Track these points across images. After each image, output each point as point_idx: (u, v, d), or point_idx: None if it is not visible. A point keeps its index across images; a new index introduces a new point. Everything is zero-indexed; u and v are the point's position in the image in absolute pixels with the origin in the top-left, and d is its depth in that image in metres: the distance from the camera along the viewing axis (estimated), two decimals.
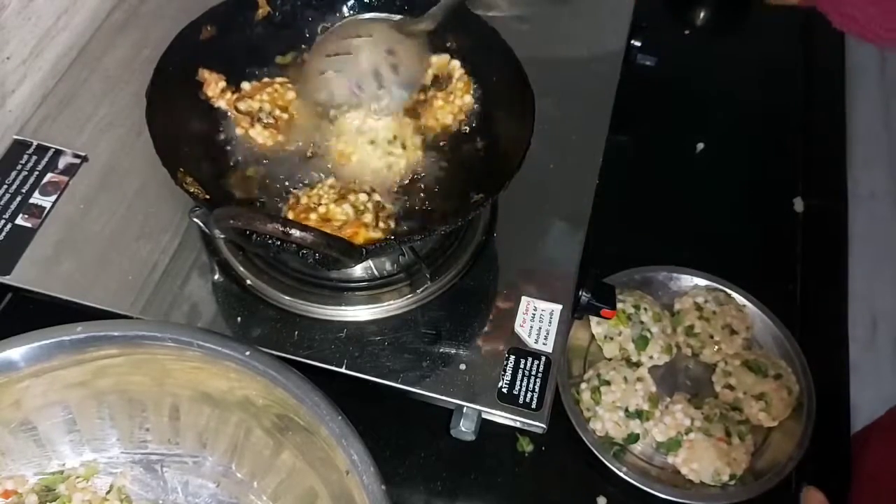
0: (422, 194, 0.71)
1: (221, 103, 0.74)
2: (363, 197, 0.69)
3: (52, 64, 0.87)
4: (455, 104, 0.75)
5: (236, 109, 0.74)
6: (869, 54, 2.22)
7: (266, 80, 0.76)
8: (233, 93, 0.74)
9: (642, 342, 0.79)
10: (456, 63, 0.77)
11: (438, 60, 0.77)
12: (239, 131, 0.73)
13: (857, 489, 0.75)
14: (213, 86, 0.74)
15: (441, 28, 0.74)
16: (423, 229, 0.66)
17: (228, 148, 0.73)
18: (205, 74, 0.74)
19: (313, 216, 0.67)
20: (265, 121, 0.73)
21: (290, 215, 0.68)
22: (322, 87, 0.74)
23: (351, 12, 0.81)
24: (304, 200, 0.69)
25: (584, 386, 0.77)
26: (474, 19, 0.77)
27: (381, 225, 0.68)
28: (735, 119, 1.03)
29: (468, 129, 0.75)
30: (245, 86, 0.75)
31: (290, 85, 0.76)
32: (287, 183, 0.71)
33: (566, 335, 0.72)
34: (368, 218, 0.67)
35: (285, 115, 0.74)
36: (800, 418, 0.77)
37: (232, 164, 0.73)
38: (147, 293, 0.71)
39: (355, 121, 0.73)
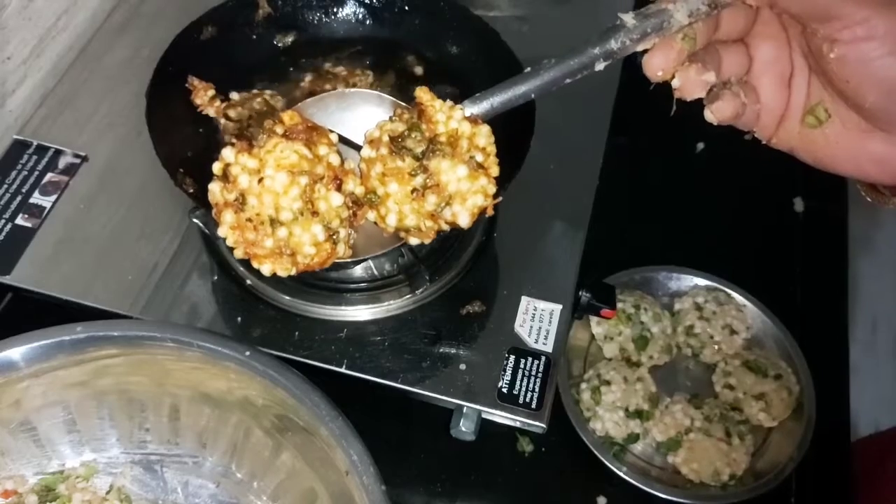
0: None
1: (210, 111, 0.74)
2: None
3: (53, 64, 0.87)
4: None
5: (226, 117, 0.73)
6: None
7: (255, 91, 0.76)
8: (222, 101, 0.74)
9: (642, 342, 0.79)
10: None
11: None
12: (228, 139, 0.73)
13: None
14: (202, 94, 0.73)
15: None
16: None
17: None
18: (194, 82, 0.74)
19: None
20: (254, 128, 0.73)
21: None
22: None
23: (351, 12, 0.81)
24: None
25: (584, 386, 0.77)
26: (475, 20, 0.77)
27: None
28: None
29: None
30: (234, 95, 0.75)
31: (279, 97, 0.76)
32: None
33: (566, 335, 0.72)
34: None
35: None
36: (800, 419, 0.77)
37: None
38: (147, 293, 0.71)
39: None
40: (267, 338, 0.69)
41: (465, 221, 0.50)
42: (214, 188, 0.48)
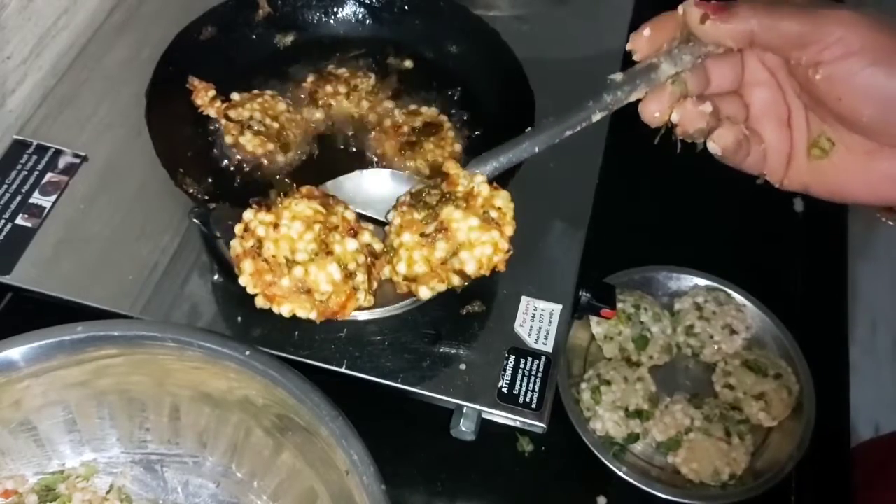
0: None
1: (211, 111, 0.74)
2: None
3: (53, 64, 0.87)
4: (446, 150, 0.75)
5: (226, 118, 0.74)
6: None
7: (256, 91, 0.77)
8: (222, 101, 0.74)
9: (642, 342, 0.79)
10: (444, 118, 0.76)
11: (428, 111, 0.77)
12: (229, 139, 0.73)
13: None
14: (203, 94, 0.74)
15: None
16: None
17: (224, 152, 0.74)
18: (195, 83, 0.74)
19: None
20: (255, 128, 0.73)
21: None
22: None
23: (351, 12, 0.81)
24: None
25: (584, 386, 0.77)
26: (475, 20, 0.77)
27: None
28: None
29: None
30: (235, 96, 0.75)
31: (280, 97, 0.76)
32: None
33: (566, 335, 0.72)
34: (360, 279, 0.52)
35: (276, 125, 0.74)
36: (800, 418, 0.77)
37: (226, 168, 0.73)
38: (147, 293, 0.71)
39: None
40: (267, 338, 0.69)
41: (471, 268, 0.51)
42: (234, 244, 0.51)
